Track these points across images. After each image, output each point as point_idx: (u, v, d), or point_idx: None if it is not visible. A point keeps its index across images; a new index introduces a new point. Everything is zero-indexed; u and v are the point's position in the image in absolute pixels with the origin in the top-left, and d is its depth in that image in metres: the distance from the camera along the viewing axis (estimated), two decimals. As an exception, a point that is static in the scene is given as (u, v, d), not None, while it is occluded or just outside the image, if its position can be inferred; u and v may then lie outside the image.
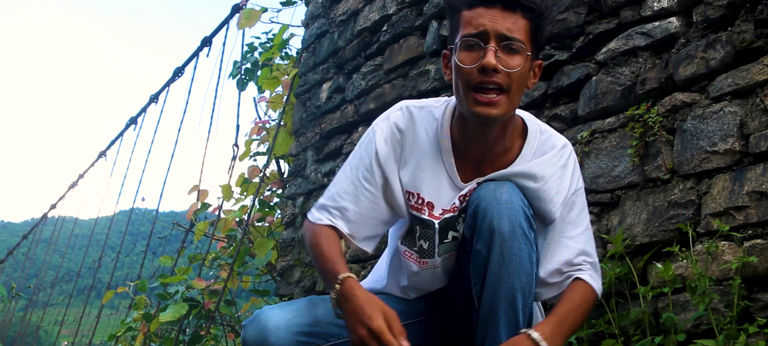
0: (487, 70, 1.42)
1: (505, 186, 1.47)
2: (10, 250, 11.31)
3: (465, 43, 1.46)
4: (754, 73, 1.91)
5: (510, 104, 1.47)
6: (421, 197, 1.58)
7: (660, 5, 2.20)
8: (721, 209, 1.91)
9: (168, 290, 3.93)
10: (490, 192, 1.46)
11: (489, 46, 1.43)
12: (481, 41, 1.44)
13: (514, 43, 1.44)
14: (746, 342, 1.71)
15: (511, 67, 1.44)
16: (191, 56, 5.06)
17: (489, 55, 1.42)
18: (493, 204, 1.43)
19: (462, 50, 1.46)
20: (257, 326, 1.50)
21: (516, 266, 1.42)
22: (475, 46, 1.44)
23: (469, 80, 1.45)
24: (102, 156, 7.14)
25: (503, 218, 1.42)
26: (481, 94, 1.44)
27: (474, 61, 1.44)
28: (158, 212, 5.33)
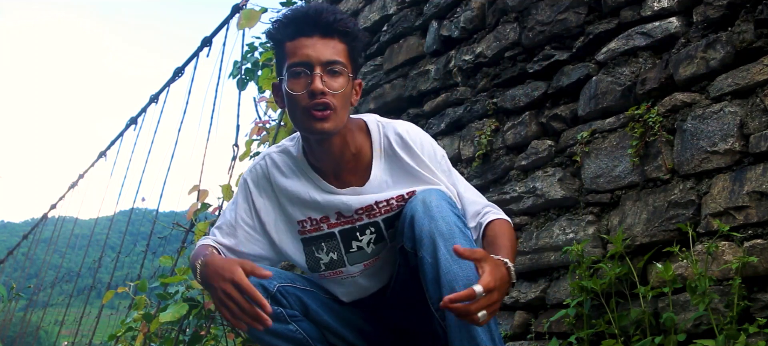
0: (315, 93, 1.56)
1: (433, 192, 1.59)
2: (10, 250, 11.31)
3: (293, 72, 1.59)
4: (754, 73, 1.91)
5: (339, 119, 1.60)
6: (314, 218, 1.71)
7: (660, 5, 2.20)
8: (721, 209, 1.91)
9: (168, 290, 3.93)
10: (420, 202, 1.57)
11: (315, 72, 1.57)
12: (306, 69, 1.58)
13: (336, 66, 1.59)
14: (746, 342, 1.71)
15: (336, 89, 1.59)
16: (191, 56, 5.05)
17: (316, 81, 1.56)
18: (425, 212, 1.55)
19: (291, 79, 1.59)
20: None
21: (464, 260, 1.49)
22: (302, 73, 1.58)
23: (300, 104, 1.58)
24: (102, 156, 7.14)
25: (438, 220, 1.53)
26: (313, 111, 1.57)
27: (303, 87, 1.58)
28: (158, 212, 5.32)
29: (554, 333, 2.31)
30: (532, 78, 2.62)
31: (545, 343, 2.34)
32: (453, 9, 3.04)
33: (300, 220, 1.73)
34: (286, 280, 1.71)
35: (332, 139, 1.65)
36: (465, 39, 2.94)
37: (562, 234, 2.36)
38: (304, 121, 1.60)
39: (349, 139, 1.69)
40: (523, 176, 2.59)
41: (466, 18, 2.93)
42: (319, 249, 1.73)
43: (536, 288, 2.43)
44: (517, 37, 2.69)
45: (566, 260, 2.28)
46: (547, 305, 2.40)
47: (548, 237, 2.40)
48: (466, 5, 2.96)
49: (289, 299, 1.69)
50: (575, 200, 2.38)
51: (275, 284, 1.67)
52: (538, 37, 2.58)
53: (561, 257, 2.33)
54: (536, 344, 2.38)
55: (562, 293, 2.32)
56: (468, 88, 2.89)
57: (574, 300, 2.17)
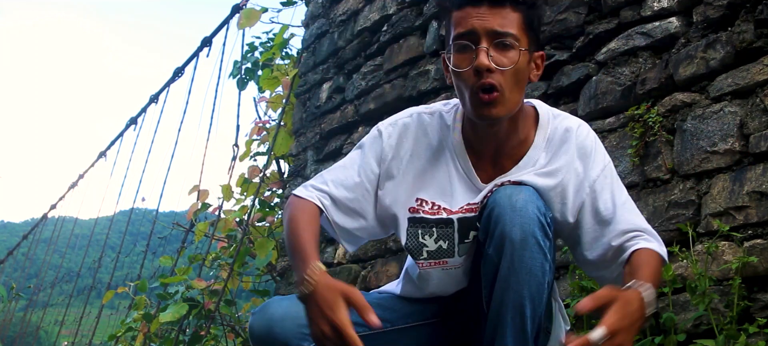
0: (480, 71, 1.39)
1: (522, 192, 1.41)
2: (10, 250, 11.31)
3: (457, 45, 1.43)
4: (754, 73, 1.91)
5: (509, 102, 1.43)
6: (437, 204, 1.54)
7: (660, 5, 2.20)
8: (721, 209, 1.91)
9: (168, 290, 3.93)
10: (506, 197, 1.40)
11: (480, 46, 1.40)
12: (472, 42, 1.41)
13: (506, 39, 1.40)
14: (746, 342, 1.71)
15: (506, 65, 1.40)
16: (191, 56, 5.06)
17: (481, 56, 1.39)
18: (507, 210, 1.38)
19: (456, 53, 1.44)
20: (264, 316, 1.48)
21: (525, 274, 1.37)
22: (467, 47, 1.42)
23: (466, 83, 1.43)
24: (102, 156, 7.14)
25: (515, 225, 1.36)
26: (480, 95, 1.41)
27: (468, 63, 1.41)
28: (158, 212, 5.33)
29: (554, 333, 2.32)
30: (532, 78, 2.61)
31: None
32: (453, 9, 3.04)
33: (420, 198, 1.54)
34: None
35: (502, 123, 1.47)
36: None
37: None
38: (473, 106, 1.42)
39: (520, 124, 1.50)
40: (523, 176, 2.59)
41: (466, 18, 2.93)
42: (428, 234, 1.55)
43: (536, 288, 2.43)
44: (517, 37, 2.69)
45: (566, 260, 2.28)
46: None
47: (548, 237, 2.40)
48: (466, 5, 2.96)
49: None
50: (575, 200, 2.38)
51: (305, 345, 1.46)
52: (538, 37, 2.58)
53: (561, 257, 2.33)
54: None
55: (562, 293, 2.32)
56: (468, 88, 2.88)
57: (574, 300, 2.17)
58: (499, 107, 1.41)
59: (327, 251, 3.58)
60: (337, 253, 3.51)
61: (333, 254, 3.53)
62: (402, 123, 1.58)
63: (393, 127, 1.59)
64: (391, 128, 1.59)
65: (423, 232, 1.55)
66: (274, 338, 1.45)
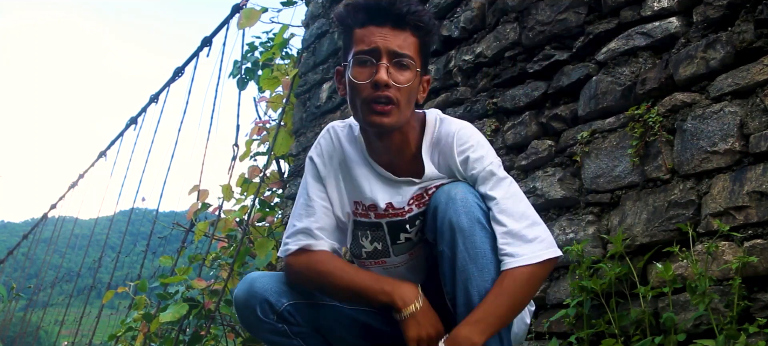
0: (379, 85, 1.50)
1: (459, 186, 1.55)
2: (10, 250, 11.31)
3: (358, 59, 1.53)
4: (754, 73, 1.91)
5: (401, 115, 1.55)
6: (363, 204, 1.68)
7: (660, 5, 2.20)
8: (721, 209, 1.91)
9: (168, 290, 3.93)
10: (445, 193, 1.54)
11: (381, 62, 1.51)
12: (373, 58, 1.52)
13: (404, 60, 1.53)
14: (746, 342, 1.71)
15: (402, 83, 1.52)
16: (191, 56, 5.06)
17: (381, 72, 1.50)
18: (449, 203, 1.51)
19: (356, 66, 1.54)
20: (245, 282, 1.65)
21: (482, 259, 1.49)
22: (368, 62, 1.52)
23: (363, 95, 1.53)
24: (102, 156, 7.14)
25: (461, 214, 1.49)
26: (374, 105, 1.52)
27: (367, 76, 1.52)
28: (158, 212, 5.33)
29: (554, 333, 2.32)
30: (532, 78, 2.62)
31: (545, 343, 2.34)
32: (453, 9, 3.04)
33: (356, 201, 1.69)
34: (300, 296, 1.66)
35: (391, 135, 1.60)
36: (465, 39, 2.94)
37: (563, 234, 2.36)
38: (365, 113, 1.55)
39: (411, 136, 1.64)
40: (524, 175, 2.59)
41: (466, 18, 2.93)
42: (364, 236, 1.70)
43: (536, 288, 2.43)
44: (517, 37, 2.69)
45: (566, 260, 2.28)
46: (547, 304, 2.40)
47: (548, 237, 2.40)
48: (466, 5, 2.96)
49: (298, 317, 1.65)
50: (575, 200, 2.38)
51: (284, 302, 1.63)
52: (538, 37, 2.58)
53: (561, 257, 2.33)
54: (536, 344, 2.38)
55: (562, 293, 2.32)
56: (468, 88, 2.89)
57: (574, 300, 2.17)
58: (391, 117, 1.53)
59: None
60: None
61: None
62: (323, 143, 1.74)
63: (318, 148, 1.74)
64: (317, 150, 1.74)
65: (361, 234, 1.70)
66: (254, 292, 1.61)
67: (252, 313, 1.62)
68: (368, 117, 1.54)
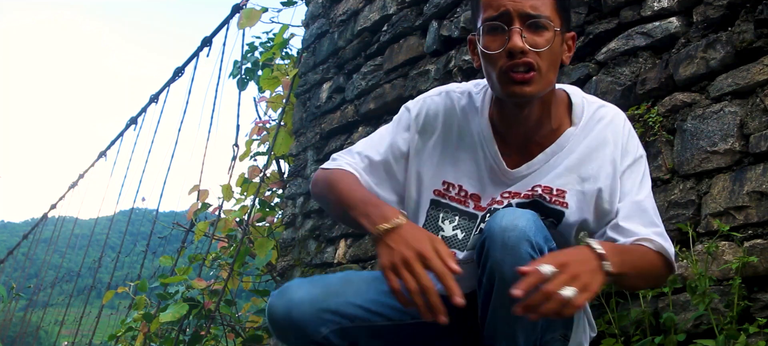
0: (514, 53, 1.34)
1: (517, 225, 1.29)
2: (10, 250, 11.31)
3: (488, 26, 1.37)
4: (754, 73, 1.91)
5: (544, 81, 1.38)
6: (464, 189, 1.50)
7: (660, 5, 2.20)
8: (721, 209, 1.91)
9: (168, 290, 3.94)
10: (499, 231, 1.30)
11: (513, 27, 1.34)
12: (504, 23, 1.35)
13: (539, 20, 1.35)
14: (746, 342, 1.71)
15: (540, 46, 1.35)
16: (191, 56, 5.06)
17: (514, 38, 1.34)
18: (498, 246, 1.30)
19: (486, 35, 1.38)
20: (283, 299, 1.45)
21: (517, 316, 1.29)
22: (499, 29, 1.36)
23: (499, 65, 1.37)
24: (102, 156, 7.14)
25: (506, 264, 1.28)
26: (512, 74, 1.35)
27: (500, 45, 1.35)
28: (158, 212, 5.33)
29: (554, 333, 2.32)
30: (532, 78, 2.61)
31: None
32: (453, 9, 3.04)
33: (446, 181, 1.50)
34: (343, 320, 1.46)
35: (533, 106, 1.42)
36: (465, 39, 2.94)
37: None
38: (503, 84, 1.37)
39: (553, 109, 1.45)
40: (523, 175, 2.58)
41: (466, 18, 2.93)
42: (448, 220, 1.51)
43: (536, 288, 2.43)
44: (517, 37, 2.68)
45: (566, 260, 2.28)
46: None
47: (548, 237, 2.40)
48: (466, 5, 2.96)
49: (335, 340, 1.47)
50: (575, 200, 2.38)
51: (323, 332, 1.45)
52: (538, 37, 2.58)
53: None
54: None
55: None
56: (468, 88, 2.89)
57: (574, 300, 2.17)
58: (533, 86, 1.36)
59: (327, 251, 3.58)
60: (337, 253, 3.51)
61: (333, 254, 3.53)
62: (430, 101, 1.55)
63: (421, 104, 1.55)
64: (419, 106, 1.55)
65: (443, 216, 1.51)
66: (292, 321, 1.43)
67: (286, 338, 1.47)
68: (507, 88, 1.36)
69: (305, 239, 3.79)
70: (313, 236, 3.72)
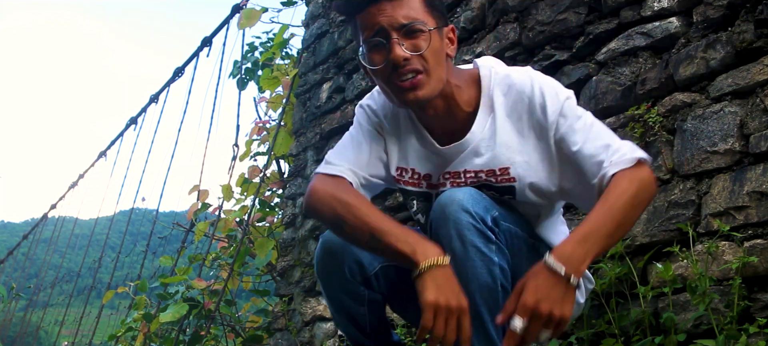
0: (397, 64, 1.42)
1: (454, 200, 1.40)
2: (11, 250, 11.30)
3: (369, 45, 1.46)
4: (754, 73, 1.91)
5: (434, 80, 1.45)
6: (417, 172, 1.59)
7: (660, 5, 2.20)
8: (722, 209, 1.91)
9: (168, 290, 3.94)
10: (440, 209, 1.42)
11: (392, 39, 1.43)
12: (382, 38, 1.44)
13: (414, 26, 1.43)
14: (746, 342, 1.71)
15: (419, 49, 1.43)
16: (191, 56, 5.06)
17: (395, 49, 1.42)
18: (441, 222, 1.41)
19: (369, 53, 1.47)
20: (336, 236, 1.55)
21: (474, 283, 1.39)
22: (379, 44, 1.45)
23: (386, 78, 1.46)
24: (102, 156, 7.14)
25: (453, 238, 1.38)
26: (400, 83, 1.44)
27: (383, 58, 1.44)
28: (158, 211, 5.33)
29: (554, 333, 2.31)
30: (532, 78, 2.61)
31: (545, 343, 2.34)
32: (453, 9, 3.04)
33: (401, 167, 1.60)
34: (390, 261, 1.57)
35: (435, 103, 1.49)
36: (465, 39, 2.94)
37: (562, 234, 2.36)
38: (397, 95, 1.46)
39: (458, 96, 1.51)
40: (523, 176, 2.58)
41: (466, 18, 2.93)
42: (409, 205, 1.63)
43: (536, 288, 2.43)
44: (517, 37, 2.69)
45: (566, 260, 2.28)
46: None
47: (548, 237, 2.40)
48: (466, 5, 2.96)
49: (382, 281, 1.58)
50: (575, 200, 2.38)
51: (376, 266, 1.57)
52: (538, 37, 2.58)
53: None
54: (536, 343, 2.38)
55: (562, 293, 2.32)
56: (468, 88, 2.89)
57: (574, 300, 2.17)
58: (424, 89, 1.44)
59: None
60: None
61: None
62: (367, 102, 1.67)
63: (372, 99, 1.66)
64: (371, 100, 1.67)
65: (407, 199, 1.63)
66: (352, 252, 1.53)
67: (339, 269, 1.55)
68: (401, 97, 1.45)
69: (305, 239, 3.79)
70: (313, 236, 3.72)
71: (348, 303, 1.59)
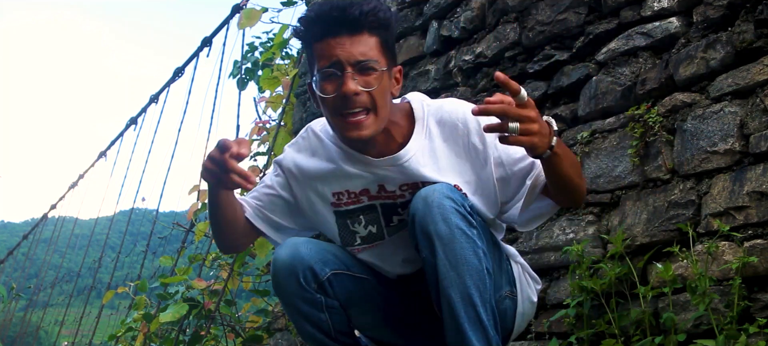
0: (347, 97, 1.49)
1: (436, 190, 1.50)
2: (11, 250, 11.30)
3: (323, 74, 1.52)
4: (754, 73, 1.91)
5: (379, 119, 1.54)
6: (352, 192, 1.65)
7: (660, 5, 2.20)
8: (721, 209, 1.91)
9: (168, 290, 3.93)
10: (421, 200, 1.50)
11: (346, 73, 1.49)
12: (337, 70, 1.50)
13: (368, 63, 1.50)
14: (746, 342, 1.71)
15: (371, 86, 1.50)
16: (191, 56, 5.05)
17: (347, 83, 1.49)
18: (426, 211, 1.48)
19: (322, 81, 1.52)
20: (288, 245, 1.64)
21: (463, 265, 1.45)
22: (333, 75, 1.51)
23: (334, 108, 1.52)
24: (102, 156, 7.13)
25: (438, 222, 1.46)
26: (348, 118, 1.51)
27: (334, 89, 1.50)
28: (158, 211, 5.33)
29: (554, 333, 2.31)
30: (532, 78, 2.62)
31: (545, 343, 2.34)
32: (453, 9, 3.04)
33: (336, 192, 1.66)
34: (342, 266, 1.66)
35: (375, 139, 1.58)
36: (465, 39, 2.95)
37: (562, 234, 2.36)
38: (341, 129, 1.54)
39: (394, 130, 1.61)
40: (523, 176, 2.58)
41: (466, 18, 2.93)
42: (356, 223, 1.67)
43: (536, 288, 2.43)
44: (517, 37, 2.69)
45: (566, 260, 2.28)
46: (547, 305, 2.40)
47: (548, 237, 2.40)
48: (466, 5, 2.96)
49: (336, 288, 1.64)
50: (575, 200, 2.38)
51: (327, 271, 1.63)
52: (538, 37, 2.58)
53: (561, 257, 2.33)
54: (536, 344, 2.38)
55: (562, 293, 2.32)
56: (468, 89, 2.89)
57: (574, 300, 2.17)
58: (368, 129, 1.52)
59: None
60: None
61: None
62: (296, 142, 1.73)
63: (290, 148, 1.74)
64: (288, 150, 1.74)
65: (352, 222, 1.67)
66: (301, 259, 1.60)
67: (294, 279, 1.60)
68: (345, 132, 1.53)
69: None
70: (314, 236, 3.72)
71: (307, 310, 1.63)
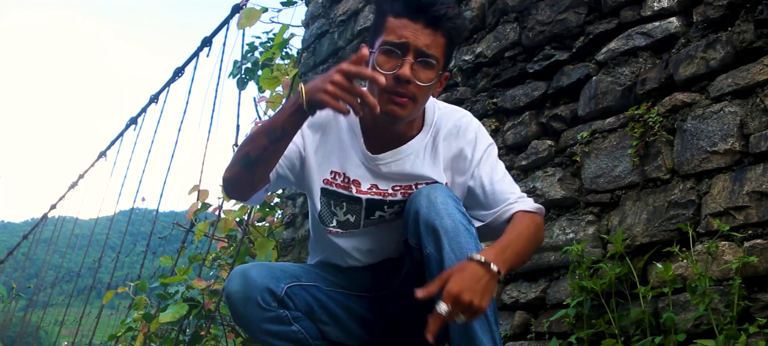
0: (401, 80, 1.53)
1: (437, 191, 1.58)
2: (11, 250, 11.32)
3: (386, 49, 1.55)
4: (754, 73, 1.91)
5: (415, 109, 1.60)
6: (348, 176, 1.69)
7: (660, 5, 2.20)
8: (721, 209, 1.91)
9: (168, 290, 3.93)
10: (424, 198, 1.56)
11: (407, 58, 1.53)
12: (400, 51, 1.54)
13: (429, 59, 1.55)
14: (746, 342, 1.71)
15: (423, 81, 1.55)
16: (191, 56, 5.06)
17: (405, 67, 1.53)
18: (430, 208, 1.54)
19: (381, 54, 1.55)
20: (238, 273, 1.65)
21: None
22: (394, 53, 1.54)
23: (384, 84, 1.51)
24: (102, 156, 7.14)
25: (443, 217, 1.53)
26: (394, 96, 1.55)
27: (391, 68, 1.53)
28: (158, 212, 5.33)
29: (554, 333, 2.32)
30: (532, 78, 2.62)
31: (545, 343, 2.34)
32: (453, 9, 3.04)
33: (334, 170, 1.70)
34: (292, 279, 1.70)
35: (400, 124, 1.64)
36: (465, 39, 2.94)
37: (562, 234, 2.36)
38: (382, 101, 1.54)
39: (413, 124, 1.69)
40: (523, 175, 2.59)
41: (466, 18, 2.93)
42: (338, 206, 1.71)
43: (536, 288, 2.43)
44: (517, 37, 2.69)
45: (566, 260, 2.28)
46: (547, 305, 2.40)
47: (548, 237, 2.40)
48: (466, 5, 2.96)
49: (295, 301, 1.68)
50: (575, 200, 2.38)
51: (283, 287, 1.65)
52: (538, 37, 2.58)
53: (561, 257, 2.33)
54: (536, 344, 2.38)
55: (562, 293, 2.32)
56: (468, 88, 2.89)
57: (574, 300, 2.17)
58: (406, 110, 1.57)
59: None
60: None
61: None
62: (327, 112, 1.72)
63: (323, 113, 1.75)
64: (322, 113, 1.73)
65: (335, 204, 1.71)
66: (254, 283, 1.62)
67: (253, 304, 1.61)
68: (385, 105, 1.54)
69: (305, 239, 3.79)
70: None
71: (277, 329, 1.66)
